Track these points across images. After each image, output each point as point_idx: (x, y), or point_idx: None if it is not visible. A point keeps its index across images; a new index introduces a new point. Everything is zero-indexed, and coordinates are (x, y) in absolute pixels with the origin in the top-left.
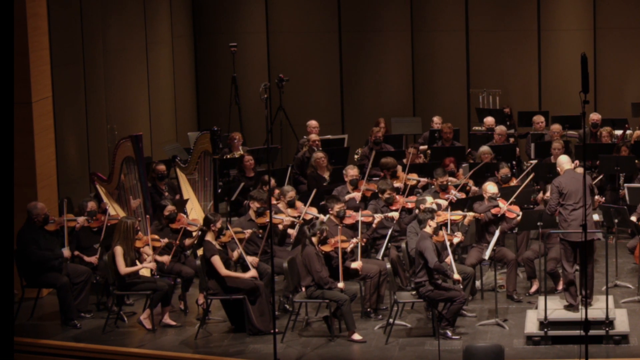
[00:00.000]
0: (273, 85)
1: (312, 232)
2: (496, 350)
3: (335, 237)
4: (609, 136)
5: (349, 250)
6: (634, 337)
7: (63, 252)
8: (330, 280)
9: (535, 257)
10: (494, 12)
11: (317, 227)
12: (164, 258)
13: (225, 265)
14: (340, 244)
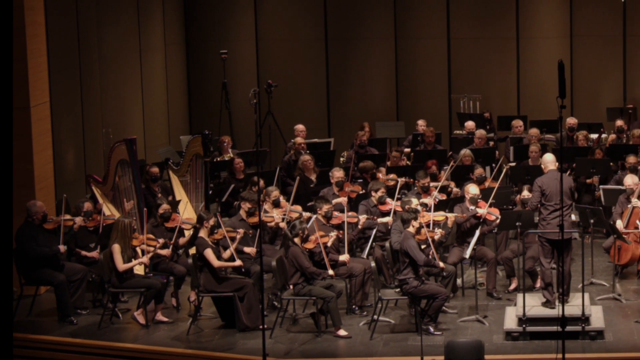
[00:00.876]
0: (262, 91)
1: (294, 233)
2: (476, 345)
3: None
4: (585, 140)
5: (330, 244)
6: (609, 333)
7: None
8: (320, 271)
9: (514, 256)
10: (475, 20)
11: (297, 228)
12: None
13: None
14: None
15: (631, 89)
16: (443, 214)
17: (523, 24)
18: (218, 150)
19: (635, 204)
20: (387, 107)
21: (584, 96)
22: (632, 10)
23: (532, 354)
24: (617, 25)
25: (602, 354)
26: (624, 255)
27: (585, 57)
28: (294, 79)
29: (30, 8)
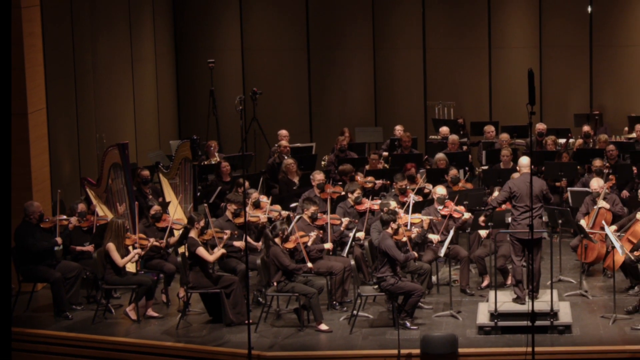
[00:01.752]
0: (247, 98)
1: (275, 234)
2: (451, 339)
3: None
4: (553, 144)
5: (310, 243)
6: (576, 328)
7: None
8: (300, 266)
9: (486, 254)
10: (449, 31)
11: (277, 229)
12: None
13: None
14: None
15: (597, 96)
16: (419, 216)
17: (494, 35)
18: (205, 154)
19: (600, 206)
20: (366, 113)
21: (553, 103)
22: (598, 21)
23: (503, 347)
24: (584, 35)
25: (569, 348)
26: (590, 253)
27: (554, 66)
28: (277, 87)
29: (28, 20)
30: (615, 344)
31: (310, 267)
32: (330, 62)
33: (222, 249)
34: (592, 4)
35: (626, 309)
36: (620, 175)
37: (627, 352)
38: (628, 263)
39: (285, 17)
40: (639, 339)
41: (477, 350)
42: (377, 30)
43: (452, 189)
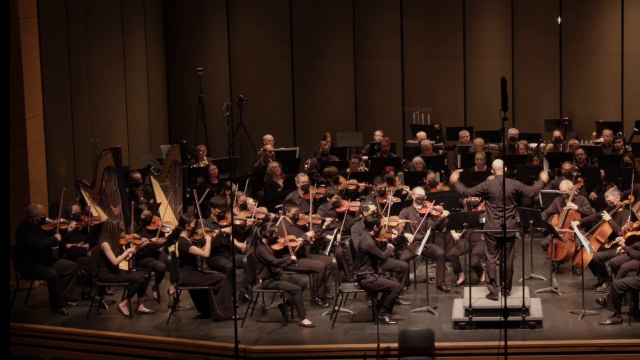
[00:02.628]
0: (234, 104)
1: (263, 234)
2: (427, 333)
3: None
4: (525, 148)
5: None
6: (546, 323)
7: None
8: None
9: (461, 253)
10: (426, 40)
11: (267, 230)
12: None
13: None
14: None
15: (567, 103)
16: (396, 219)
17: (469, 44)
18: (194, 158)
19: (569, 207)
20: (347, 118)
21: (524, 109)
22: (567, 31)
23: (477, 341)
24: (554, 45)
25: (540, 342)
26: (560, 252)
27: (525, 73)
28: (262, 94)
29: (26, 30)
30: (583, 338)
31: (294, 259)
32: (312, 70)
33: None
34: (561, 14)
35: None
36: (589, 178)
37: (595, 345)
38: (596, 261)
39: (270, 27)
40: (606, 334)
41: (453, 345)
42: (358, 40)
43: (429, 191)
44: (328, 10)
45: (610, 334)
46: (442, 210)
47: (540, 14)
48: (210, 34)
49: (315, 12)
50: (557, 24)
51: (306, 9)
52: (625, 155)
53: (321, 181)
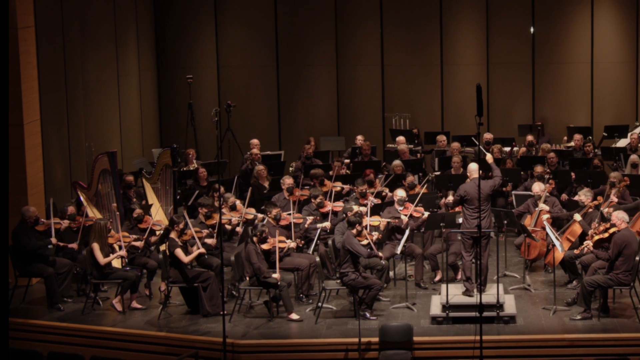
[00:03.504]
0: (222, 110)
1: (254, 233)
2: (406, 328)
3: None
4: (499, 152)
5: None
6: (520, 318)
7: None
8: (265, 270)
9: (438, 252)
10: (405, 49)
11: (257, 229)
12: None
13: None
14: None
15: (539, 109)
16: (378, 219)
17: (446, 53)
18: (184, 161)
19: (541, 208)
20: (329, 124)
21: (499, 114)
22: (540, 40)
23: (454, 335)
24: (527, 53)
25: (514, 336)
26: (532, 251)
27: (500, 81)
28: (249, 100)
29: (24, 39)
30: (555, 332)
31: (277, 277)
32: (297, 77)
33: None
34: (534, 25)
35: (566, 301)
36: (560, 180)
37: (566, 340)
38: (567, 259)
39: (256, 37)
40: (577, 328)
41: (431, 339)
42: (340, 49)
43: (409, 192)
44: (312, 21)
45: (580, 329)
46: (423, 212)
47: (514, 24)
48: (200, 43)
49: (300, 23)
50: (529, 34)
51: (291, 20)
52: (594, 159)
53: (305, 183)
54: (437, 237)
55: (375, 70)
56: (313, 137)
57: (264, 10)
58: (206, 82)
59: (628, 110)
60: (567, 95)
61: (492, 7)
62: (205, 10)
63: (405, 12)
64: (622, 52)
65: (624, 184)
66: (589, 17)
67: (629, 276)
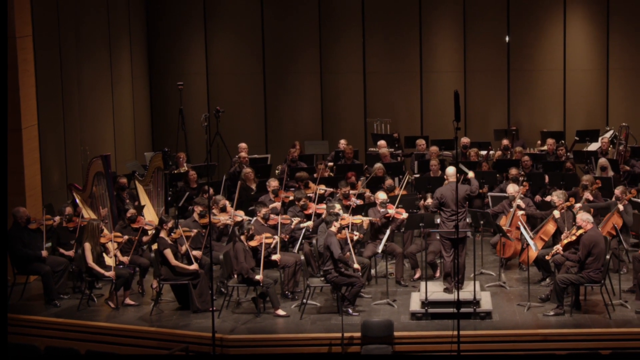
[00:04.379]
0: (211, 116)
1: (241, 232)
2: (387, 324)
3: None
4: (476, 155)
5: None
6: (495, 314)
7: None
8: (249, 270)
9: (418, 250)
10: (385, 57)
11: (245, 227)
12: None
13: (175, 257)
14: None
15: (514, 114)
16: (360, 217)
17: (425, 61)
18: (175, 164)
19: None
20: (314, 128)
21: (475, 120)
22: (515, 49)
23: (432, 331)
24: (502, 61)
25: (490, 331)
26: (507, 250)
27: (476, 87)
28: (237, 106)
29: (22, 48)
30: (529, 328)
31: (259, 279)
32: (283, 84)
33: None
34: (509, 33)
35: (539, 297)
36: (534, 182)
37: (539, 335)
38: (540, 258)
39: (244, 46)
40: (550, 324)
41: (410, 334)
42: (324, 57)
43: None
44: (297, 30)
45: (553, 324)
46: (403, 213)
47: (490, 33)
48: (190, 52)
49: (285, 32)
50: (505, 43)
51: (277, 29)
52: (567, 162)
53: (291, 185)
54: (416, 237)
55: (357, 77)
56: (298, 141)
57: (251, 21)
58: (196, 88)
59: (599, 115)
60: (541, 101)
61: (469, 17)
62: (195, 20)
63: (386, 22)
64: (593, 60)
65: (595, 187)
66: (562, 26)
67: (600, 274)
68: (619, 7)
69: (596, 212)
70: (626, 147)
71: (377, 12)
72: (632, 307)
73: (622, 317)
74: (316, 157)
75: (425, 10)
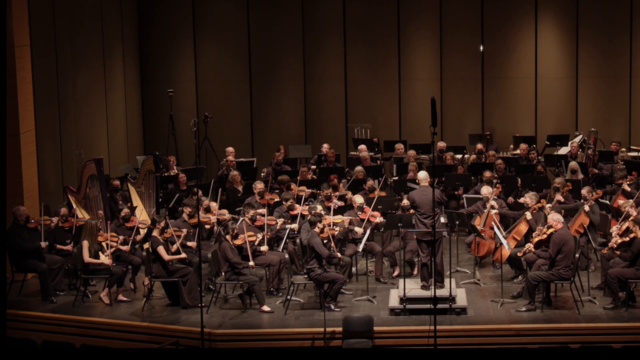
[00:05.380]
0: (200, 121)
1: (226, 232)
2: (367, 319)
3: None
4: (451, 159)
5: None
6: (470, 310)
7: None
8: (242, 262)
9: (396, 249)
10: (366, 66)
11: (229, 227)
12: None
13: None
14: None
15: (488, 119)
16: (341, 217)
17: (403, 69)
18: (166, 167)
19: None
20: (297, 133)
21: (451, 125)
22: (488, 58)
23: (410, 325)
24: (477, 69)
25: (465, 326)
26: (481, 249)
27: (452, 94)
28: (225, 112)
29: (20, 57)
30: (502, 323)
31: (252, 265)
32: (268, 91)
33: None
34: (483, 43)
35: (512, 294)
36: (507, 184)
37: (512, 329)
38: (513, 256)
39: (231, 55)
40: (522, 319)
41: (389, 329)
42: (307, 65)
43: (368, 196)
44: (281, 40)
45: (525, 319)
46: (378, 216)
47: (465, 43)
48: (179, 60)
49: (270, 42)
50: (479, 52)
51: (262, 39)
52: (538, 165)
53: (275, 187)
54: (395, 236)
55: (338, 84)
56: (283, 145)
57: (238, 31)
58: (185, 95)
59: (568, 120)
60: (513, 108)
61: (445, 28)
62: (184, 31)
63: (366, 32)
64: (563, 68)
65: (566, 189)
66: (533, 36)
67: (569, 271)
68: (587, 18)
69: (566, 212)
70: (594, 151)
71: (358, 22)
72: (600, 303)
73: (590, 312)
74: (300, 160)
75: (403, 21)
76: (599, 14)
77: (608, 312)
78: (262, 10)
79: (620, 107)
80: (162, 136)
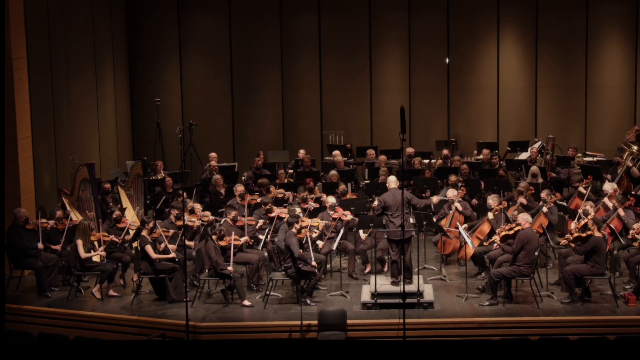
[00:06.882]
0: (185, 128)
1: (213, 232)
2: (341, 313)
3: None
4: (419, 164)
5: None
6: (437, 304)
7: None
8: (222, 264)
9: (368, 248)
10: (339, 76)
11: (216, 228)
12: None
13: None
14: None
15: (453, 127)
16: (317, 220)
17: (375, 79)
18: (153, 171)
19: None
20: (276, 139)
21: (419, 132)
22: (454, 69)
23: (381, 319)
24: (443, 80)
25: (432, 319)
26: (447, 247)
27: (420, 103)
28: (208, 120)
29: (18, 69)
30: (467, 316)
31: (230, 270)
32: (248, 100)
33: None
34: (449, 56)
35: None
36: (471, 187)
37: (476, 322)
38: (476, 254)
39: (214, 67)
40: (485, 313)
41: (362, 322)
42: (285, 76)
43: (341, 199)
44: (261, 53)
45: (488, 313)
46: (348, 215)
47: (432, 55)
48: (166, 72)
49: (251, 55)
50: (445, 64)
51: (243, 52)
52: (500, 170)
53: (255, 190)
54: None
55: (314, 94)
56: (262, 151)
57: (220, 45)
58: (172, 104)
59: (528, 128)
60: (477, 116)
61: (413, 41)
62: (171, 44)
63: (340, 45)
64: (523, 80)
65: (529, 192)
66: (496, 49)
67: (529, 268)
68: (546, 33)
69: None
70: (552, 156)
71: (332, 36)
72: (557, 297)
73: (549, 306)
74: (278, 165)
75: (374, 35)
76: (557, 29)
77: (565, 306)
78: (242, 25)
79: (577, 115)
80: (150, 142)
